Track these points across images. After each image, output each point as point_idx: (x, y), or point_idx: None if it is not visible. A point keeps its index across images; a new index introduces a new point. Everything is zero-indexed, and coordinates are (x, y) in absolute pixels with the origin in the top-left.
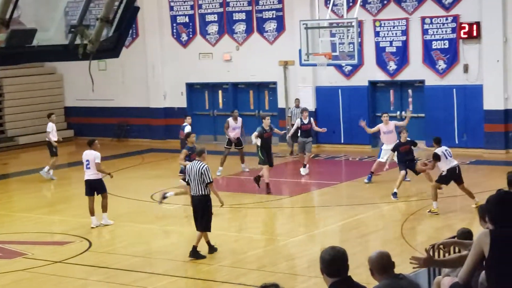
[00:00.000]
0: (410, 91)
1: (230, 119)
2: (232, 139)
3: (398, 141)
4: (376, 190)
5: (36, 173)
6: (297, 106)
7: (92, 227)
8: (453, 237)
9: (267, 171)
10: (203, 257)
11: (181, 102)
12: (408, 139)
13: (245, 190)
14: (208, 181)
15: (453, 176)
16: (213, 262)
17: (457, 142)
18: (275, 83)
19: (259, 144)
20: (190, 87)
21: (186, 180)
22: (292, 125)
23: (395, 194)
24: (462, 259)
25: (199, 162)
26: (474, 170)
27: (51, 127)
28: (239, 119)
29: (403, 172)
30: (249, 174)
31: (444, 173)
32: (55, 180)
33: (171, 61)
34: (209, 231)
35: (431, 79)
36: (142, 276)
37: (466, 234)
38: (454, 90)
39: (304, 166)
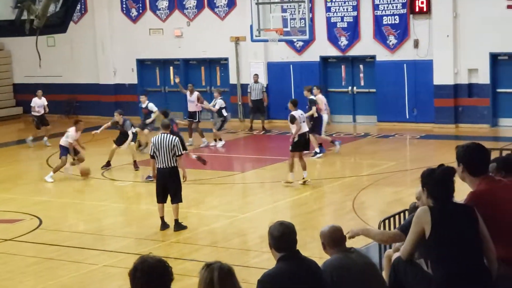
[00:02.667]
0: (361, 66)
1: (187, 92)
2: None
3: None
4: (326, 165)
5: None
6: (256, 82)
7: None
8: (404, 211)
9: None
10: (185, 227)
11: (131, 78)
12: None
13: (194, 166)
14: (180, 153)
15: (303, 142)
16: (165, 239)
17: (407, 117)
18: (226, 59)
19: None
20: (141, 63)
21: (151, 153)
22: (252, 100)
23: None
24: (384, 235)
25: (168, 135)
26: (425, 145)
27: (34, 102)
28: (195, 93)
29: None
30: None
31: (296, 139)
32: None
33: (120, 37)
34: (181, 201)
35: (382, 54)
36: (94, 253)
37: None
38: (405, 65)
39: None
